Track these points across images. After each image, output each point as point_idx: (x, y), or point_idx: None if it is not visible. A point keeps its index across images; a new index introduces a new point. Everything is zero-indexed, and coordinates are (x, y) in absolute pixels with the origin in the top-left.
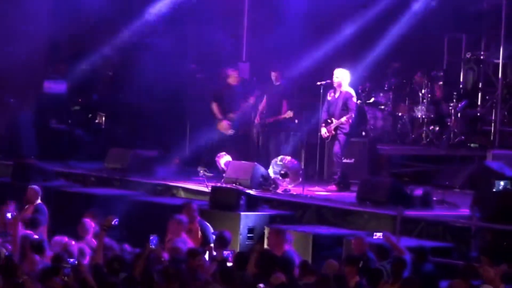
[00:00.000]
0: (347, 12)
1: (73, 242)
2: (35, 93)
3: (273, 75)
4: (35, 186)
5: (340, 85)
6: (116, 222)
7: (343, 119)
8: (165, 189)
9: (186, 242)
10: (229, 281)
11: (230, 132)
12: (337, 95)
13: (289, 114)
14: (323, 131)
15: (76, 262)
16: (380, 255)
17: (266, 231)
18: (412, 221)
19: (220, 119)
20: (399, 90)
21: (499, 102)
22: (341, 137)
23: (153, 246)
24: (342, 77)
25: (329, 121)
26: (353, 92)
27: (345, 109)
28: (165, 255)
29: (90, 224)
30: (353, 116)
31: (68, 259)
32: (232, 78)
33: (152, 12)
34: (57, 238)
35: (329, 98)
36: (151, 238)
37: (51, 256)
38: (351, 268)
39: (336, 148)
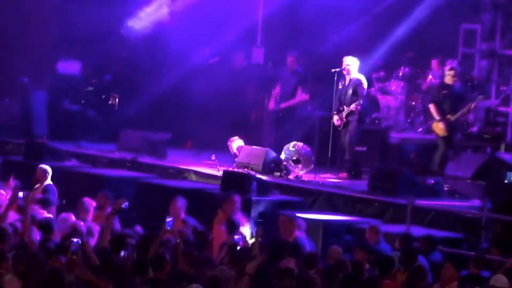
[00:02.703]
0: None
1: (82, 223)
2: (49, 73)
3: (290, 60)
4: (45, 166)
5: (349, 72)
6: (126, 206)
7: (352, 106)
8: (177, 172)
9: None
10: (238, 264)
11: (444, 133)
12: (347, 82)
13: (305, 96)
14: (335, 118)
15: (80, 241)
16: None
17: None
18: (422, 210)
19: (438, 119)
20: (413, 80)
21: None
22: (353, 124)
23: (169, 228)
24: (351, 64)
25: (341, 108)
26: (363, 79)
27: (355, 95)
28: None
29: (91, 203)
30: (361, 102)
31: (73, 239)
32: (448, 77)
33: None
34: (64, 215)
35: (340, 86)
36: (167, 220)
37: (60, 235)
38: (363, 256)
39: (348, 135)
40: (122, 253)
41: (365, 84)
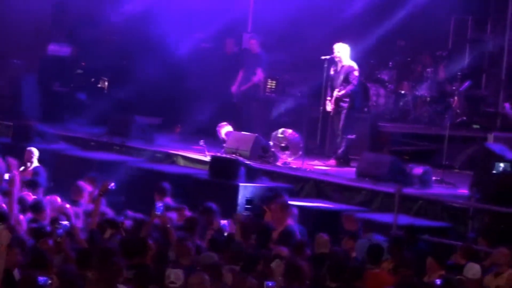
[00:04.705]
0: None
1: (67, 205)
2: (39, 55)
3: (252, 43)
4: (33, 148)
5: (341, 60)
6: (113, 187)
7: (337, 91)
8: (165, 157)
9: None
10: (218, 250)
11: None
12: (338, 69)
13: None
14: (328, 104)
15: (69, 224)
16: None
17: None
18: (410, 199)
19: None
20: (403, 68)
21: (503, 84)
22: (343, 112)
23: (158, 213)
24: (342, 51)
25: (332, 95)
26: (355, 66)
27: (346, 82)
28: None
29: (85, 187)
30: (349, 89)
31: (62, 222)
32: None
33: None
34: (49, 198)
35: (331, 73)
36: (157, 205)
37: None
38: (352, 244)
39: (339, 123)
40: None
41: (356, 72)
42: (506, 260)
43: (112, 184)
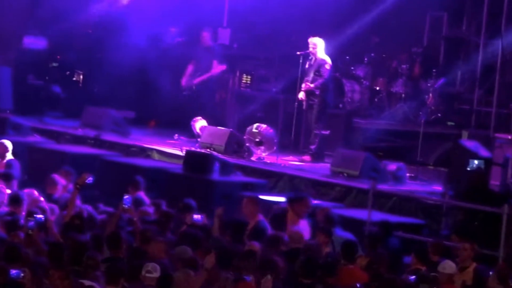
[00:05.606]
0: None
1: (42, 199)
2: (15, 48)
3: (204, 36)
4: (6, 141)
5: (315, 54)
6: (91, 180)
7: (311, 84)
8: (140, 151)
9: None
10: (195, 244)
11: None
12: (312, 62)
13: (221, 67)
14: (301, 94)
15: (44, 218)
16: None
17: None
18: (384, 195)
19: None
20: (378, 65)
21: (478, 81)
22: (316, 107)
23: (126, 206)
24: (317, 45)
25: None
26: (328, 59)
27: (317, 75)
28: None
29: (59, 179)
30: (318, 80)
31: (36, 215)
32: None
33: None
34: (27, 191)
35: (306, 66)
36: (124, 198)
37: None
38: (326, 239)
39: (312, 118)
40: None
41: (328, 65)
42: (469, 255)
43: (90, 178)
